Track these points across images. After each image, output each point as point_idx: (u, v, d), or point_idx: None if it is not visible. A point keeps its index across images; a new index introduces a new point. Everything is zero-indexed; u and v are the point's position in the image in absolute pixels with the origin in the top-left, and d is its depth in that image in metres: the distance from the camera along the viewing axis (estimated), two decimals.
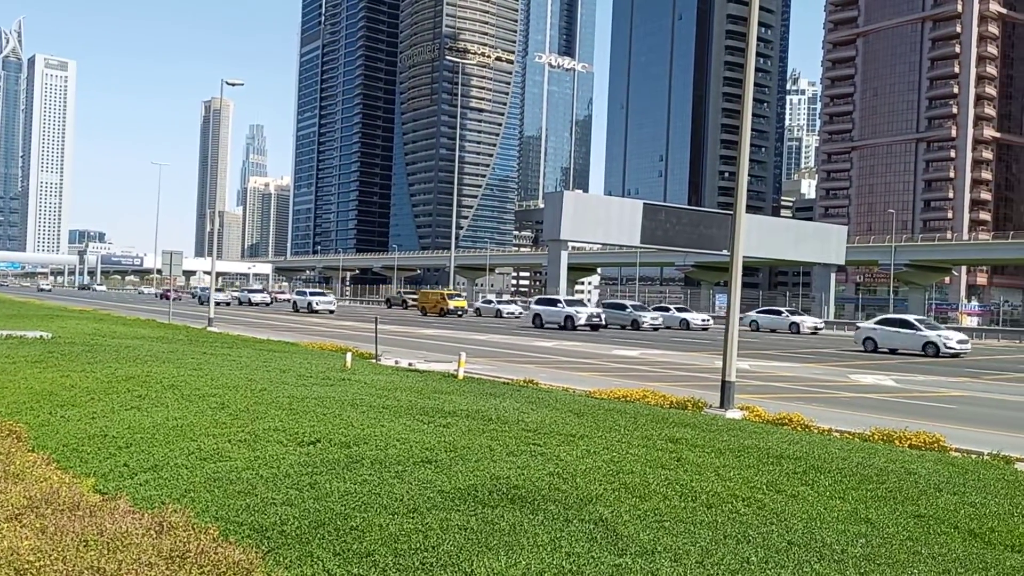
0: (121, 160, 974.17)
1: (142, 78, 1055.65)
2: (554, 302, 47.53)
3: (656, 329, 48.10)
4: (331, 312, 58.02)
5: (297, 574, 4.62)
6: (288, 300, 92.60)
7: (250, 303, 70.61)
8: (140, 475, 6.83)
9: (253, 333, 29.82)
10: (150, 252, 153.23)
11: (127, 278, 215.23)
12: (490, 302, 66.70)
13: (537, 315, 47.07)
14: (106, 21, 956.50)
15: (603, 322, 45.62)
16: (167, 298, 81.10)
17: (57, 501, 5.74)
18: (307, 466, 6.85)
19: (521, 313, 64.17)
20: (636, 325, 48.06)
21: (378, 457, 7.17)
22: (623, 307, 52.24)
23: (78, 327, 25.75)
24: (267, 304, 71.65)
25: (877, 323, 35.15)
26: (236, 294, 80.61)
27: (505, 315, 61.69)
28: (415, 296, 77.48)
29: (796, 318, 53.09)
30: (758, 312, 57.21)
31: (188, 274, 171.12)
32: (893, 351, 33.19)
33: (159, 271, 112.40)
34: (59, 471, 7.00)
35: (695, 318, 54.49)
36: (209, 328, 31.44)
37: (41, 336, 20.19)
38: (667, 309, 55.82)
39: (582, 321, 44.09)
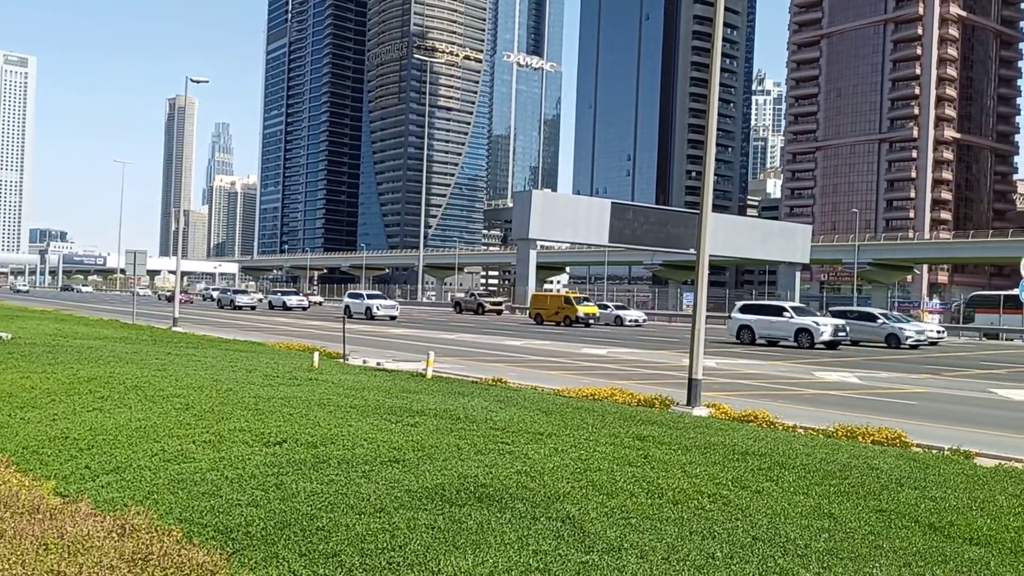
0: (84, 158, 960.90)
1: (105, 75, 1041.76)
2: (777, 310, 34.70)
3: (916, 347, 35.03)
4: (392, 318, 48.55)
5: (262, 575, 4.59)
6: (321, 303, 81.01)
7: (284, 307, 62.23)
8: (102, 477, 6.73)
9: (219, 333, 29.52)
10: (113, 251, 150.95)
11: (90, 277, 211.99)
12: (606, 307, 54.69)
13: (745, 327, 34.48)
14: (68, 17, 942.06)
15: (848, 337, 33.77)
16: (190, 302, 73.37)
17: (16, 504, 5.65)
18: (273, 467, 6.80)
19: (644, 320, 54.74)
20: (895, 341, 35.00)
21: (345, 457, 7.13)
22: (871, 317, 37.13)
23: (39, 328, 25.32)
24: (304, 308, 63.49)
25: None
26: (268, 297, 72.24)
27: (628, 323, 52.08)
28: (492, 299, 67.78)
29: None
30: None
31: (152, 273, 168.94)
32: None
33: (123, 270, 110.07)
34: (19, 474, 6.88)
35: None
36: (174, 328, 31.06)
37: (0, 337, 19.82)
38: (872, 317, 37.41)
39: (825, 336, 32.15)
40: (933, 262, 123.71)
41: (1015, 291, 45.20)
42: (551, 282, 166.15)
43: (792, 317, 33.71)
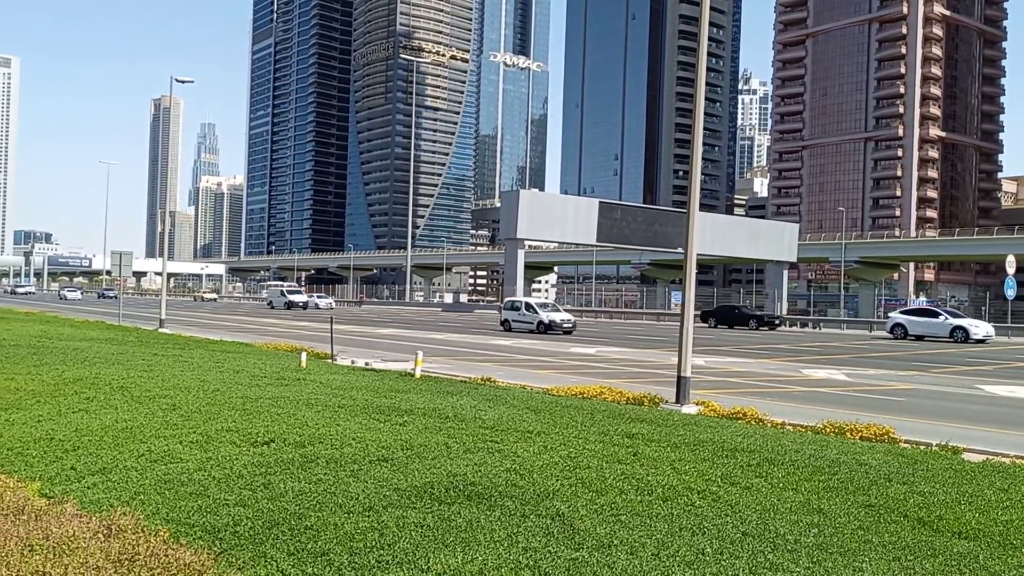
0: (69, 160, 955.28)
1: (90, 76, 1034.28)
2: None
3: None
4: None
5: (251, 575, 4.55)
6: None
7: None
8: (88, 478, 6.67)
9: (206, 334, 29.38)
10: (99, 253, 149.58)
11: (76, 279, 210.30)
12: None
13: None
14: (51, 17, 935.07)
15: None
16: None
17: (1, 506, 5.59)
18: (261, 466, 6.76)
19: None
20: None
21: (333, 456, 7.10)
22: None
23: (23, 329, 25.14)
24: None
25: None
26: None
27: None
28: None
29: None
30: None
31: (139, 275, 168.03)
32: None
33: (108, 272, 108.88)
34: (3, 475, 6.81)
35: None
36: (160, 329, 30.90)
37: None
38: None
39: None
40: (919, 260, 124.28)
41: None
42: (539, 282, 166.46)
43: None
